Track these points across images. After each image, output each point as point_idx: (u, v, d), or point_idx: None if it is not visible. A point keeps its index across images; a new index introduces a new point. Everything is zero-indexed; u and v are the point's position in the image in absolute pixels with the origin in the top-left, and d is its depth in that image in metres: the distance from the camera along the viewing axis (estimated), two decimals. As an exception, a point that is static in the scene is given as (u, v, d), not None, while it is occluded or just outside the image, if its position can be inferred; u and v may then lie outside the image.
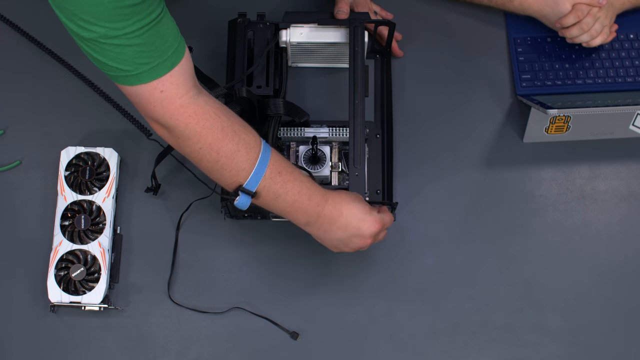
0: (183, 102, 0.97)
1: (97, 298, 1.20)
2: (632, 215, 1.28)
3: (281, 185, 1.04)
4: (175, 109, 0.97)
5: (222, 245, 1.25)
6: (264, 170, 1.02)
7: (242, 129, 1.02)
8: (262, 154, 1.02)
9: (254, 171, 1.02)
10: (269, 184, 1.03)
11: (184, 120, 0.97)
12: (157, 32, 0.92)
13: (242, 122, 1.03)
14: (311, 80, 1.34)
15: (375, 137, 1.26)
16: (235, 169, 1.01)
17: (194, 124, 0.98)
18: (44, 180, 1.28)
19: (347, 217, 1.08)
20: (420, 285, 1.24)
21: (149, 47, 0.91)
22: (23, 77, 1.33)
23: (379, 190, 1.24)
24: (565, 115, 1.26)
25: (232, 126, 1.00)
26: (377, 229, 1.09)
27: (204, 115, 0.98)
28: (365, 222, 1.08)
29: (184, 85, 0.96)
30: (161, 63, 0.93)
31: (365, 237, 1.09)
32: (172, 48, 0.94)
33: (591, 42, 1.27)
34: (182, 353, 1.21)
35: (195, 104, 0.98)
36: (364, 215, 1.08)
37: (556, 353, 1.21)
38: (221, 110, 1.00)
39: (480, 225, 1.27)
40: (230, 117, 1.02)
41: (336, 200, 1.08)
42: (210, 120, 0.98)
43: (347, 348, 1.21)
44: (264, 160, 1.02)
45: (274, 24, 1.25)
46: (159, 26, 0.92)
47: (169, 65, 0.94)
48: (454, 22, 1.37)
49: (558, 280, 1.25)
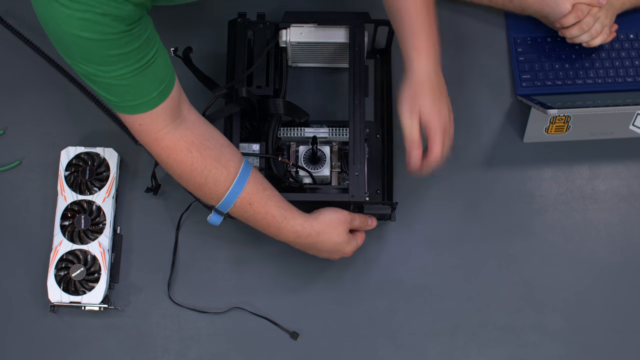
0: (158, 136, 1.03)
1: (97, 298, 1.20)
2: (632, 215, 1.28)
3: (251, 215, 1.10)
4: (149, 141, 1.04)
5: (222, 245, 1.25)
6: (233, 201, 1.08)
7: (214, 164, 1.06)
8: (234, 186, 1.07)
9: (222, 201, 1.08)
10: (238, 211, 1.10)
11: (156, 151, 1.05)
12: (144, 76, 0.96)
13: (218, 155, 1.07)
14: (311, 80, 1.34)
15: (375, 137, 1.26)
16: (205, 197, 1.10)
17: (164, 156, 1.05)
18: (44, 180, 1.28)
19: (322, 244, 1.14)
20: (420, 285, 1.24)
21: (134, 89, 0.97)
22: (23, 77, 1.33)
23: (379, 190, 1.24)
24: (565, 115, 1.26)
25: (202, 161, 1.05)
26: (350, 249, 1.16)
27: (175, 150, 1.04)
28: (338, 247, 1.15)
29: (163, 121, 1.02)
30: (145, 102, 0.99)
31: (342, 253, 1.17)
32: (157, 90, 0.99)
33: (591, 42, 1.27)
34: (182, 353, 1.21)
35: (168, 138, 1.04)
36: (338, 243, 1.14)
37: (556, 353, 1.21)
38: (195, 145, 1.05)
39: (480, 225, 1.27)
40: (205, 150, 1.06)
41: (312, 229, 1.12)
42: (180, 155, 1.05)
43: (347, 348, 1.21)
44: (235, 192, 1.08)
45: (274, 24, 1.25)
46: (147, 71, 0.96)
47: (151, 105, 1.00)
48: (454, 22, 1.37)
49: (558, 280, 1.25)
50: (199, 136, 1.06)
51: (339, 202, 1.16)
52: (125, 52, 0.92)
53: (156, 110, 1.01)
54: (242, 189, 1.08)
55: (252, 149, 1.20)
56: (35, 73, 1.33)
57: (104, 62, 0.92)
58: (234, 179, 1.07)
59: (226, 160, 1.07)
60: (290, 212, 1.11)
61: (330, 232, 1.13)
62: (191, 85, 1.28)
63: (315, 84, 1.33)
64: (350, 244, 1.15)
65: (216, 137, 1.09)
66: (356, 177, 1.15)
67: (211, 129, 1.09)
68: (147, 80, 0.97)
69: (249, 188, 1.08)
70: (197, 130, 1.06)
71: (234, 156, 1.09)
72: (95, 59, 0.92)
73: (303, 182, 1.22)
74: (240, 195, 1.08)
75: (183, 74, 1.25)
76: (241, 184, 1.08)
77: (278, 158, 1.20)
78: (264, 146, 1.20)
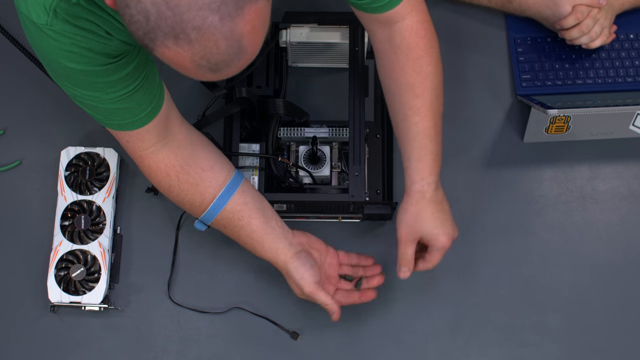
0: (142, 154, 1.06)
1: (97, 298, 1.20)
2: (632, 215, 1.28)
3: (227, 234, 1.14)
4: (136, 157, 1.07)
5: (222, 245, 1.25)
6: (209, 221, 1.11)
7: (190, 190, 1.09)
8: (208, 211, 1.10)
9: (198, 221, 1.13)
10: (217, 227, 1.13)
11: (140, 167, 1.08)
12: (131, 100, 0.97)
13: (196, 180, 1.08)
14: (311, 80, 1.33)
15: (375, 137, 1.26)
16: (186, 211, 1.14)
17: (146, 173, 1.09)
18: (44, 180, 1.28)
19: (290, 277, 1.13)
20: (420, 285, 1.24)
21: (121, 111, 0.98)
22: (23, 77, 1.33)
23: (379, 190, 1.23)
24: (565, 115, 1.26)
25: (179, 186, 1.08)
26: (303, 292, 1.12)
27: (155, 171, 1.07)
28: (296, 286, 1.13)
29: (149, 140, 1.04)
30: (131, 122, 1.00)
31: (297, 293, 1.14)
32: (144, 111, 1.00)
33: (591, 44, 1.27)
34: (182, 353, 1.21)
35: (151, 158, 1.06)
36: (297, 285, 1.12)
37: (556, 353, 1.21)
38: (174, 170, 1.07)
39: (480, 225, 1.27)
40: (183, 175, 1.08)
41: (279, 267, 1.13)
42: (159, 176, 1.08)
43: (347, 348, 1.21)
44: (210, 216, 1.10)
45: (274, 24, 1.25)
46: (134, 95, 0.97)
47: (138, 125, 1.01)
48: (454, 22, 1.36)
49: (558, 280, 1.25)
50: (181, 159, 1.07)
51: (339, 202, 1.16)
52: (111, 80, 0.93)
53: (142, 130, 1.02)
54: (217, 214, 1.10)
55: (252, 149, 1.20)
56: (35, 73, 1.32)
57: (90, 88, 0.93)
58: (209, 205, 1.09)
59: (204, 187, 1.08)
60: (260, 245, 1.12)
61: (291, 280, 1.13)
62: (191, 85, 1.29)
63: (315, 84, 1.33)
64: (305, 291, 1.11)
65: (199, 160, 1.09)
66: (356, 177, 1.15)
67: (198, 149, 1.09)
68: (134, 103, 0.98)
69: (224, 214, 1.10)
70: (181, 152, 1.07)
71: (215, 181, 1.09)
72: (82, 85, 0.93)
73: (303, 182, 1.22)
74: (215, 218, 1.10)
75: (183, 75, 1.25)
76: (216, 209, 1.10)
77: (278, 158, 1.20)
78: (264, 146, 1.20)
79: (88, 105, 0.97)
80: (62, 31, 0.85)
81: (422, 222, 1.07)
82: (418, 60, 1.05)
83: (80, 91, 0.94)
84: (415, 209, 1.07)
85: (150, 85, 0.99)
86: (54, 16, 0.84)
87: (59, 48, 0.87)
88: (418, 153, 1.06)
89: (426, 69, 1.05)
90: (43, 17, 0.84)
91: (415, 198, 1.07)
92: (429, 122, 1.06)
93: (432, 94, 1.06)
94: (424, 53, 1.05)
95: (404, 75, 1.05)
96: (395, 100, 1.08)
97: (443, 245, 1.09)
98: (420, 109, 1.05)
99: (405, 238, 1.08)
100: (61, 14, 0.84)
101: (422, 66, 1.05)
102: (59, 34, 0.85)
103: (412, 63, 1.05)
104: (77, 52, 0.87)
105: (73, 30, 0.86)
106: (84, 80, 0.92)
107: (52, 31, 0.85)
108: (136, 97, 0.97)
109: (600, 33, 1.27)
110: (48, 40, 0.86)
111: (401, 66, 1.05)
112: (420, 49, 1.05)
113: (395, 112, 1.09)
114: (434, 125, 1.07)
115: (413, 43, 1.04)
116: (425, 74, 1.05)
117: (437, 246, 1.09)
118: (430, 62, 1.05)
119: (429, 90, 1.06)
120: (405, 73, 1.05)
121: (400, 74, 1.05)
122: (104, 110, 0.98)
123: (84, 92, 0.94)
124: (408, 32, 1.04)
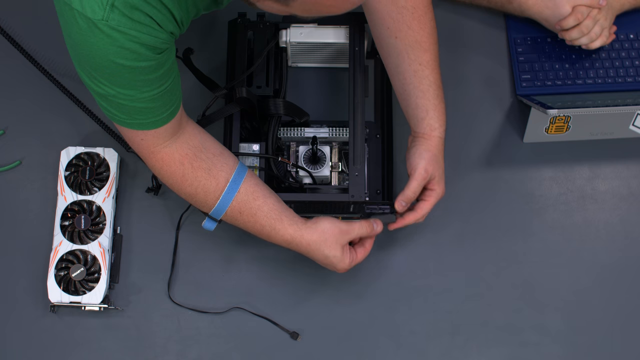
0: (154, 149, 1.06)
1: (97, 298, 1.20)
2: (632, 215, 1.28)
3: (242, 223, 1.12)
4: (147, 153, 1.07)
5: (222, 245, 1.25)
6: (225, 209, 1.10)
7: (204, 175, 1.08)
8: (224, 196, 1.09)
9: (213, 210, 1.10)
10: (230, 219, 1.12)
11: (151, 162, 1.08)
12: (160, 99, 0.99)
13: (209, 165, 1.09)
14: (311, 80, 1.34)
15: (375, 137, 1.26)
16: (197, 205, 1.12)
17: (158, 167, 1.08)
18: (44, 180, 1.28)
19: (314, 255, 1.12)
20: (420, 285, 1.24)
21: (148, 110, 0.99)
22: (23, 78, 1.33)
23: (379, 190, 1.24)
24: (565, 115, 1.26)
25: (193, 173, 1.08)
26: (343, 266, 1.12)
27: (168, 162, 1.07)
28: (330, 266, 1.12)
29: (163, 138, 1.05)
30: (153, 122, 1.02)
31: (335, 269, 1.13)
32: (167, 111, 1.02)
33: (590, 44, 1.27)
34: (182, 353, 1.21)
35: (164, 151, 1.07)
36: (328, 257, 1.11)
37: (556, 353, 1.21)
38: (188, 157, 1.08)
39: (480, 225, 1.27)
40: (196, 162, 1.08)
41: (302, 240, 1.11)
42: (173, 167, 1.08)
43: (347, 348, 1.21)
44: (225, 201, 1.09)
45: (274, 24, 1.25)
46: (164, 95, 0.99)
47: (159, 124, 1.02)
48: (454, 22, 1.36)
49: (558, 280, 1.25)
50: (193, 147, 1.08)
51: (339, 202, 1.16)
52: (150, 78, 0.95)
53: (161, 129, 1.03)
54: (232, 198, 1.09)
55: (252, 149, 1.20)
56: (36, 73, 1.32)
57: (129, 86, 0.94)
58: (223, 189, 1.09)
59: (217, 170, 1.09)
60: (280, 222, 1.10)
61: (321, 244, 1.10)
62: (191, 85, 1.29)
63: (315, 84, 1.33)
64: (343, 260, 1.11)
65: (210, 147, 1.10)
66: (356, 177, 1.15)
67: (206, 138, 1.10)
68: (162, 103, 1.00)
69: (239, 197, 1.09)
70: (192, 141, 1.08)
71: (226, 165, 1.09)
72: (121, 82, 0.94)
73: (303, 182, 1.22)
74: (230, 204, 1.09)
75: (183, 75, 1.25)
76: (231, 193, 1.09)
77: (278, 158, 1.20)
78: (264, 146, 1.20)
79: (117, 104, 0.97)
80: (118, 26, 0.87)
81: (438, 164, 1.13)
82: (422, 17, 1.12)
83: (116, 89, 0.94)
84: (436, 151, 1.13)
85: (177, 87, 1.02)
86: (111, 10, 0.85)
87: (110, 44, 0.88)
88: (434, 102, 1.13)
89: (429, 24, 1.13)
90: (99, 12, 0.85)
91: (436, 141, 1.13)
92: (437, 74, 1.14)
93: (436, 47, 1.14)
94: (427, 9, 1.13)
95: (411, 33, 1.12)
96: (402, 57, 1.13)
97: (442, 191, 1.14)
98: (429, 62, 1.13)
99: (425, 175, 1.12)
100: (118, 7, 0.85)
101: (426, 22, 1.13)
102: (113, 30, 0.87)
103: (417, 21, 1.12)
104: (128, 47, 0.89)
105: (129, 24, 0.87)
106: (126, 78, 0.93)
107: (107, 26, 0.86)
108: (165, 97, 0.99)
109: (600, 34, 1.27)
110: (101, 36, 0.87)
111: (408, 24, 1.12)
112: (424, 6, 1.13)
113: (403, 70, 1.13)
114: (440, 77, 1.15)
115: (418, 1, 1.12)
116: (429, 29, 1.13)
117: (438, 191, 1.14)
118: (431, 18, 1.14)
119: (433, 44, 1.14)
120: (413, 30, 1.12)
121: (408, 32, 1.12)
122: (132, 109, 0.98)
123: (120, 91, 0.95)
124: None
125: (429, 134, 1.13)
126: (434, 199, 1.14)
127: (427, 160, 1.11)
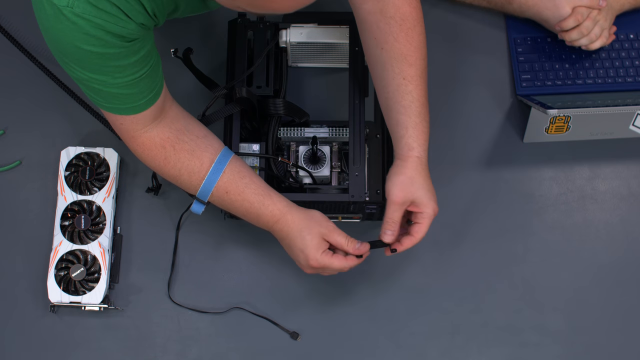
0: (135, 134, 1.07)
1: (97, 298, 1.20)
2: (632, 215, 1.28)
3: (229, 203, 1.11)
4: (128, 138, 1.08)
5: (222, 245, 1.25)
6: (211, 190, 1.10)
7: (187, 156, 1.08)
8: (209, 175, 1.09)
9: (199, 191, 1.10)
10: (217, 200, 1.11)
11: (132, 147, 1.09)
12: (136, 86, 0.99)
13: (192, 147, 1.09)
14: (311, 80, 1.34)
15: (375, 137, 1.25)
16: (183, 187, 1.12)
17: (139, 151, 1.09)
18: (44, 180, 1.28)
19: (293, 238, 1.10)
20: (420, 285, 1.24)
21: (124, 96, 1.00)
22: (23, 77, 1.33)
23: (379, 190, 1.23)
24: (565, 115, 1.26)
25: (175, 155, 1.08)
26: (313, 262, 1.09)
27: (149, 147, 1.08)
28: (302, 254, 1.09)
29: (143, 122, 1.06)
30: (131, 107, 1.02)
31: (302, 265, 1.11)
32: (145, 98, 1.02)
33: (590, 45, 1.27)
34: (182, 353, 1.21)
35: (144, 136, 1.07)
36: (305, 244, 1.09)
37: (556, 353, 1.21)
38: (170, 141, 1.08)
39: (480, 225, 1.27)
40: (178, 144, 1.08)
41: (289, 216, 1.10)
42: (154, 151, 1.08)
43: (347, 348, 1.21)
44: (211, 181, 1.09)
45: (274, 24, 1.25)
46: (140, 82, 0.99)
47: (137, 110, 1.03)
48: (454, 23, 1.36)
49: (558, 280, 1.25)
50: (176, 130, 1.08)
51: (339, 202, 1.16)
52: (121, 65, 0.95)
53: (139, 115, 1.04)
54: (217, 178, 1.09)
55: (252, 149, 1.20)
56: (36, 73, 1.32)
57: (99, 72, 0.95)
58: (208, 169, 1.09)
59: (201, 151, 1.09)
60: (269, 198, 1.10)
61: (304, 229, 1.08)
62: (191, 85, 1.29)
63: (315, 84, 1.33)
64: (316, 254, 1.08)
65: (193, 130, 1.10)
66: (356, 177, 1.15)
67: (189, 120, 1.11)
68: (138, 90, 1.00)
69: (225, 177, 1.09)
70: (175, 124, 1.08)
71: (210, 147, 1.10)
72: (92, 68, 0.94)
73: (303, 182, 1.22)
74: (216, 183, 1.09)
75: (183, 74, 1.26)
76: (216, 173, 1.09)
77: (278, 158, 1.20)
78: (264, 146, 1.20)
79: (92, 88, 0.98)
80: (82, 13, 0.87)
81: (417, 186, 1.07)
82: (410, 30, 1.07)
83: (88, 74, 0.95)
84: (412, 173, 1.07)
85: (155, 74, 1.02)
86: None
87: (76, 31, 0.88)
88: (414, 120, 1.07)
89: (417, 38, 1.08)
90: None
91: (412, 163, 1.07)
92: (422, 91, 1.08)
93: (423, 63, 1.09)
94: (416, 22, 1.08)
95: (397, 45, 1.07)
96: (387, 70, 1.09)
97: (433, 211, 1.08)
98: (414, 78, 1.08)
99: (398, 200, 1.07)
100: None
101: (414, 36, 1.08)
102: (78, 17, 0.87)
103: (404, 33, 1.07)
104: (94, 34, 0.89)
105: (94, 12, 0.87)
106: (96, 63, 0.93)
107: (72, 13, 0.86)
108: (141, 85, 0.99)
109: (600, 34, 1.27)
110: (66, 22, 0.87)
111: (395, 36, 1.07)
112: (413, 19, 1.08)
113: (386, 83, 1.09)
114: (425, 94, 1.09)
115: (407, 13, 1.07)
116: (417, 43, 1.08)
117: (428, 212, 1.07)
118: (421, 32, 1.09)
119: (420, 59, 1.08)
120: (399, 43, 1.07)
121: (394, 44, 1.07)
122: (107, 94, 0.99)
123: (91, 76, 0.95)
124: (400, 2, 1.07)
125: (406, 155, 1.07)
126: (427, 220, 1.08)
127: (399, 186, 1.06)
